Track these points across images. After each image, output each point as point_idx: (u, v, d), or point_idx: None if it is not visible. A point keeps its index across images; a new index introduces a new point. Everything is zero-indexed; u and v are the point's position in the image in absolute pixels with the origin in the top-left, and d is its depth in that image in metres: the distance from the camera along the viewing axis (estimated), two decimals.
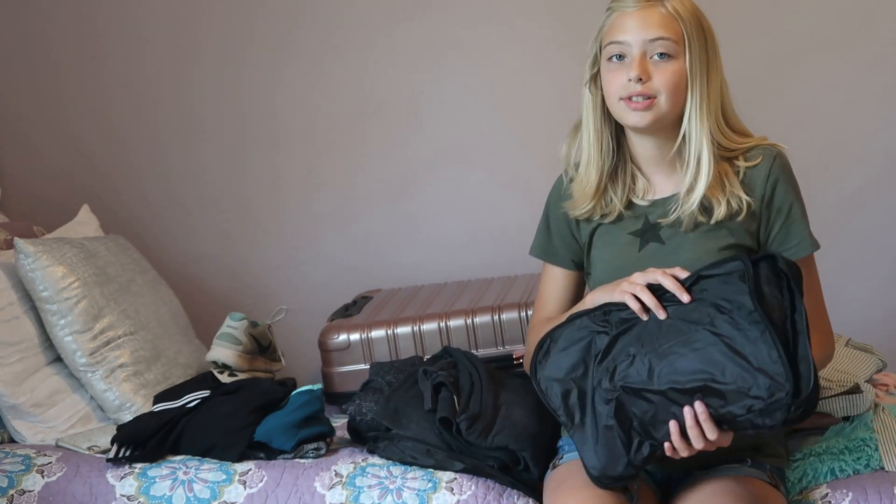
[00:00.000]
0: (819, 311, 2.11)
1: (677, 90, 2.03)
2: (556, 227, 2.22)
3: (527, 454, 2.20)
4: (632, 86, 2.02)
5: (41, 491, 2.29)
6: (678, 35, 2.02)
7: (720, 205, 2.06)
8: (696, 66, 2.03)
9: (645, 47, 2.02)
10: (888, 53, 3.23)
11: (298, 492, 2.24)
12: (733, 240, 2.08)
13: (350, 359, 2.79)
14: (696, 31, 2.04)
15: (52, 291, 2.56)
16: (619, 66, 2.05)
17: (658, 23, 2.02)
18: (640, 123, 2.05)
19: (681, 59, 2.03)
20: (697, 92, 2.04)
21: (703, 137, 2.04)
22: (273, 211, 3.41)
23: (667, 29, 2.02)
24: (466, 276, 3.25)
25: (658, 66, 2.03)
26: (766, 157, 2.09)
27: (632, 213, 2.14)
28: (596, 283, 2.17)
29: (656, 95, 2.03)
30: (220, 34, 3.36)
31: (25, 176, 3.40)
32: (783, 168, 2.10)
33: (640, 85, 2.02)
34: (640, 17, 2.03)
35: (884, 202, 3.28)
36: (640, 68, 2.01)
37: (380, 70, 3.35)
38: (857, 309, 3.20)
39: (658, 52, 2.02)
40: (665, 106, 2.04)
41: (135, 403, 2.58)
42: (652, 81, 2.02)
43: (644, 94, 2.02)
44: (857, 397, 2.31)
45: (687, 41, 2.02)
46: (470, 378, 2.33)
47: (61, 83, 3.40)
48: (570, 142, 2.18)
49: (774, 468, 2.11)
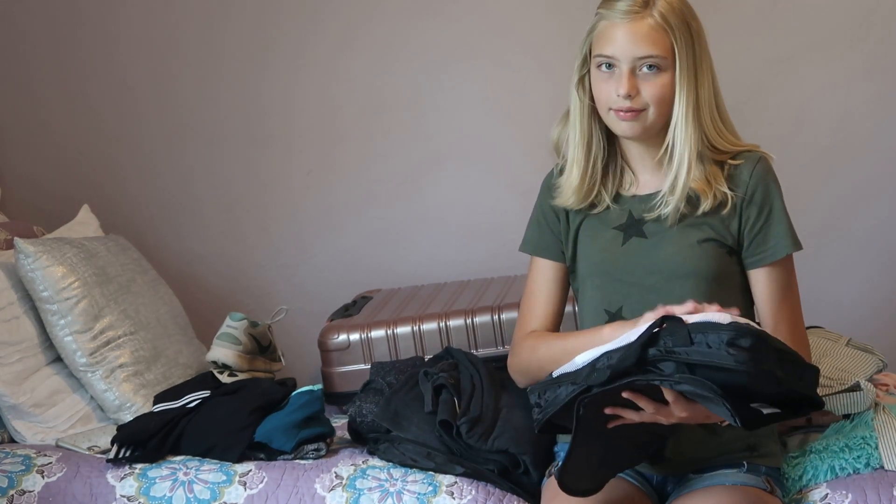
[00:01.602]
0: (793, 317, 2.12)
1: (665, 101, 2.04)
2: (547, 218, 2.22)
3: (527, 457, 2.20)
4: (620, 100, 2.03)
5: (41, 491, 2.29)
6: (667, 49, 2.02)
7: (707, 198, 2.08)
8: (685, 74, 2.04)
9: (633, 63, 2.03)
10: (888, 53, 3.23)
11: (299, 493, 2.24)
12: (713, 234, 2.09)
13: (350, 359, 2.79)
14: (684, 39, 2.03)
15: (52, 291, 2.56)
16: (609, 76, 2.05)
17: (647, 38, 2.02)
18: (629, 133, 2.07)
19: (669, 71, 2.03)
20: (684, 98, 2.04)
21: (689, 141, 2.05)
22: (273, 211, 3.41)
23: (655, 45, 2.02)
24: (466, 276, 3.25)
25: (647, 78, 2.03)
26: (750, 158, 2.11)
27: (618, 207, 2.15)
28: (581, 279, 2.18)
29: (645, 108, 2.04)
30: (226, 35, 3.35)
31: (25, 176, 3.40)
32: (766, 171, 2.11)
33: (629, 101, 2.03)
34: (629, 31, 2.02)
35: (884, 202, 3.28)
36: (628, 85, 2.02)
37: (379, 70, 3.34)
38: (856, 309, 3.20)
39: (647, 65, 2.03)
40: (653, 116, 2.05)
41: (135, 403, 2.57)
42: (640, 96, 2.03)
43: (632, 109, 2.04)
44: (857, 395, 2.31)
45: (676, 52, 2.03)
46: (471, 380, 2.33)
47: (60, 85, 3.40)
48: (560, 130, 2.19)
49: (771, 470, 2.11)
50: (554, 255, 2.22)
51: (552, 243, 2.22)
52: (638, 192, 2.15)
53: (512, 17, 3.30)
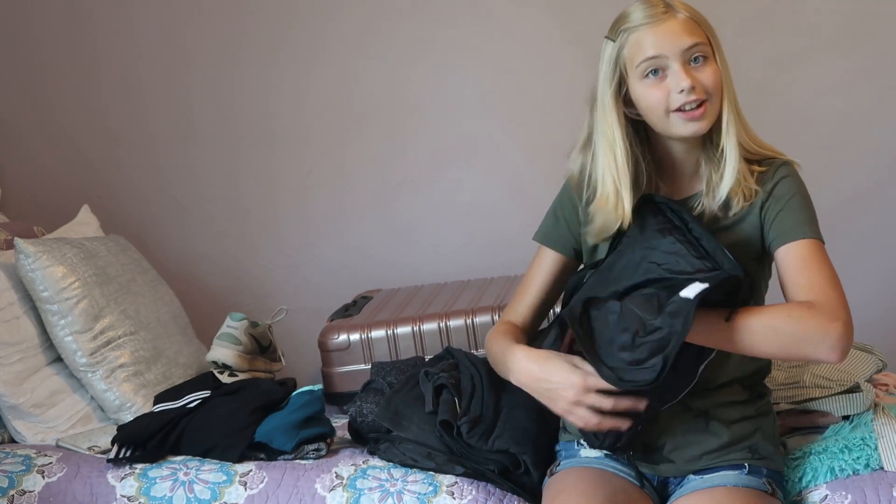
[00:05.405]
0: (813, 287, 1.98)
1: (720, 89, 2.03)
2: (565, 213, 2.21)
3: (527, 457, 2.20)
4: (683, 96, 2.00)
5: (41, 491, 2.29)
6: (705, 37, 2.03)
7: (737, 199, 2.07)
8: (724, 65, 2.04)
9: (682, 56, 2.01)
10: (888, 53, 3.23)
11: (299, 493, 2.24)
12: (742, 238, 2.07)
13: (350, 359, 2.80)
14: (711, 33, 2.04)
15: (53, 291, 2.56)
16: (659, 80, 2.02)
17: (686, 30, 2.01)
18: (701, 131, 2.03)
19: (713, 60, 2.03)
20: (729, 88, 2.04)
21: (734, 136, 2.04)
22: (273, 211, 3.42)
23: (694, 34, 2.01)
24: (466, 276, 3.25)
25: (699, 70, 2.01)
26: (776, 163, 2.10)
27: None
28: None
29: (707, 99, 2.01)
30: (219, 35, 3.36)
31: (25, 176, 3.40)
32: (791, 173, 2.09)
33: (693, 93, 2.00)
34: (667, 29, 2.01)
35: (884, 202, 3.28)
36: (690, 77, 1.99)
37: (379, 71, 3.35)
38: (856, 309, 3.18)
39: (694, 57, 2.01)
40: (716, 107, 2.03)
41: (135, 403, 2.58)
42: (700, 87, 2.01)
43: (697, 101, 2.00)
44: (856, 396, 2.30)
45: (712, 42, 2.03)
46: (471, 380, 2.33)
47: (61, 84, 3.40)
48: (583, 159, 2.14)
49: (772, 473, 2.11)
50: (562, 248, 2.21)
51: (565, 238, 2.21)
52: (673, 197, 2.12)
53: (512, 19, 3.31)
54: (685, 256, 1.97)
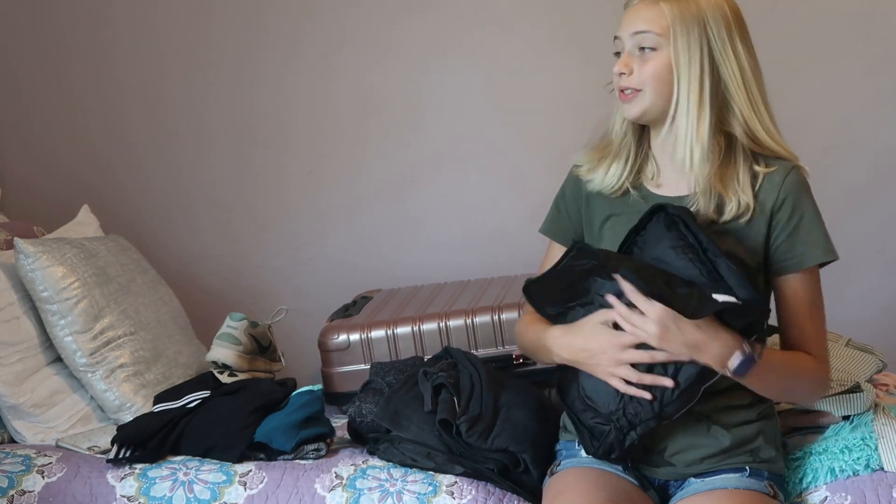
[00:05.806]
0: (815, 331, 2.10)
1: (661, 82, 2.04)
2: (567, 202, 2.22)
3: (527, 456, 2.20)
4: (620, 80, 2.07)
5: (41, 491, 2.29)
6: (662, 28, 2.03)
7: (730, 203, 2.07)
8: (684, 58, 2.03)
9: (631, 41, 2.06)
10: (888, 53, 3.23)
11: (299, 493, 2.24)
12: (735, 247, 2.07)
13: (350, 359, 2.79)
14: (688, 23, 2.03)
15: (53, 292, 2.56)
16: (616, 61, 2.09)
17: (643, 17, 2.05)
18: (628, 115, 2.09)
19: (664, 51, 2.03)
20: (686, 83, 2.03)
21: (696, 131, 2.04)
22: (273, 211, 3.41)
23: (649, 22, 2.04)
24: (466, 276, 3.25)
25: (641, 58, 2.05)
26: (784, 167, 2.09)
27: (645, 206, 2.12)
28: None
29: (642, 88, 2.05)
30: (224, 35, 3.36)
31: (26, 176, 3.40)
32: (799, 180, 2.09)
33: (624, 79, 2.06)
34: (631, 13, 2.07)
35: (884, 202, 3.28)
36: (622, 62, 2.06)
37: (380, 71, 3.34)
38: (856, 309, 3.20)
39: (640, 46, 2.05)
40: (650, 97, 2.06)
41: (135, 403, 2.58)
42: (634, 75, 2.05)
43: (629, 87, 2.06)
44: (856, 396, 2.30)
45: (672, 33, 2.03)
46: (470, 379, 2.33)
47: (61, 84, 3.40)
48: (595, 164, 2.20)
49: (774, 476, 2.10)
50: (564, 238, 2.22)
51: (566, 228, 2.22)
52: (668, 194, 2.13)
53: (512, 16, 3.31)
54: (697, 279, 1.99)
